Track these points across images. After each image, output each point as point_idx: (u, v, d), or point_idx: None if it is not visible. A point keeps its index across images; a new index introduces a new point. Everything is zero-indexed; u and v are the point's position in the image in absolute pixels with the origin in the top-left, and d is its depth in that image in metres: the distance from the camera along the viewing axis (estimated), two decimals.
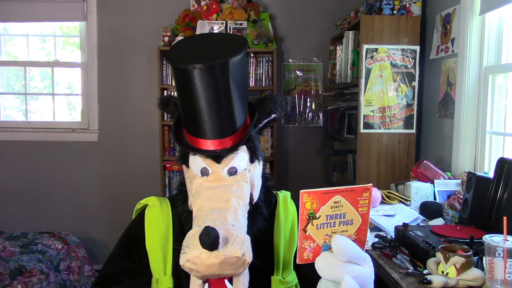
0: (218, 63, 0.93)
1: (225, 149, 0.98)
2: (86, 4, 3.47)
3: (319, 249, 0.86)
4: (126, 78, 3.56)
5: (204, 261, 0.82)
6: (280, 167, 3.52)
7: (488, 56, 2.28)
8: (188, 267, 0.84)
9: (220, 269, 0.83)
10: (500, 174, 1.59)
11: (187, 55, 0.97)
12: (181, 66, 0.94)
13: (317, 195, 0.83)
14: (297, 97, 3.58)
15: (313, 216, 0.84)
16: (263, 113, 1.07)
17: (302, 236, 0.85)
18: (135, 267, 1.08)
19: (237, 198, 0.95)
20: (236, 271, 0.85)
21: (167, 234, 1.07)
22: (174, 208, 1.10)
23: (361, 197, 0.85)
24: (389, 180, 2.67)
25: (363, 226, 0.87)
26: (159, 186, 3.38)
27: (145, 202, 1.14)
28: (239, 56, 0.96)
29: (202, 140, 0.98)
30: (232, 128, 0.99)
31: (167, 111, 1.13)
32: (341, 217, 0.85)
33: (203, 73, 0.92)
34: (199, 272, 0.84)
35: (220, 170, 0.98)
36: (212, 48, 0.99)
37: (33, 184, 3.60)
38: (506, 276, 1.10)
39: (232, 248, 0.83)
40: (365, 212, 0.86)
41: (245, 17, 3.31)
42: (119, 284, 1.08)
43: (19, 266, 2.57)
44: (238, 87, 0.98)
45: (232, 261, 0.83)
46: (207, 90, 0.94)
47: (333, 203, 0.84)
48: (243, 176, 1.00)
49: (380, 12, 2.73)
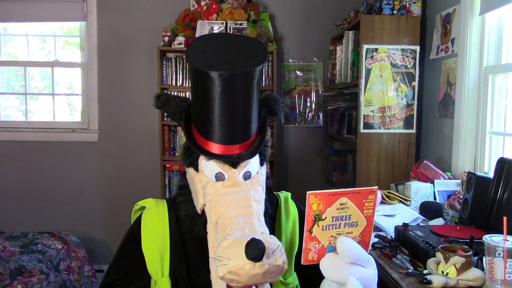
0: (244, 72, 0.93)
1: (244, 154, 0.98)
2: (86, 4, 3.47)
3: (324, 251, 0.87)
4: (126, 78, 3.56)
5: (248, 272, 0.82)
6: (280, 167, 3.52)
7: (488, 56, 2.28)
8: (229, 278, 0.84)
9: (262, 278, 0.84)
10: (500, 174, 1.59)
11: (211, 58, 0.96)
12: (207, 71, 0.92)
13: (323, 196, 0.84)
14: (297, 97, 3.58)
15: (319, 218, 0.84)
16: (269, 114, 1.08)
17: (307, 237, 0.86)
18: (133, 272, 1.09)
19: (256, 203, 0.96)
20: (275, 278, 0.86)
21: (164, 236, 1.07)
22: (172, 210, 1.10)
23: (367, 199, 0.86)
24: (389, 180, 2.67)
25: (367, 228, 0.88)
26: (159, 186, 3.38)
27: (142, 204, 1.14)
28: (263, 64, 0.97)
29: (219, 144, 0.98)
30: (249, 133, 0.99)
31: (166, 111, 1.09)
32: (347, 219, 0.86)
33: (229, 80, 0.92)
34: (240, 283, 0.84)
35: (236, 175, 0.97)
36: (234, 54, 0.98)
37: (33, 184, 3.60)
38: (506, 276, 1.10)
39: (274, 258, 0.84)
40: (370, 215, 0.87)
41: (245, 17, 3.31)
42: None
43: (19, 266, 2.57)
44: (257, 94, 0.99)
45: (273, 270, 0.84)
46: (230, 97, 0.94)
47: (339, 204, 0.85)
48: (257, 180, 1.00)
49: (380, 12, 2.73)
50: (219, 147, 0.98)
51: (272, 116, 1.08)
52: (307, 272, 1.09)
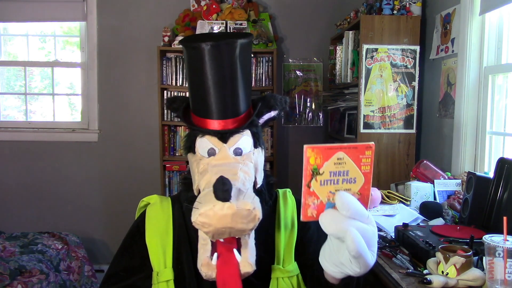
0: (227, 41, 1.00)
1: (232, 129, 1.03)
2: (86, 4, 3.47)
3: (323, 207, 0.86)
4: (126, 78, 3.56)
5: (217, 212, 0.84)
6: (280, 167, 3.52)
7: (488, 56, 2.28)
8: (201, 221, 0.86)
9: (232, 221, 0.85)
10: (500, 174, 1.59)
11: (200, 38, 1.06)
12: (194, 44, 1.01)
13: (320, 150, 0.84)
14: (297, 97, 3.58)
15: (316, 172, 0.84)
16: (264, 106, 1.12)
17: (306, 192, 0.85)
18: (135, 263, 1.11)
19: (243, 173, 0.98)
20: (247, 225, 0.88)
21: (167, 229, 1.10)
22: (176, 205, 1.14)
23: (364, 155, 0.86)
24: (389, 180, 2.67)
25: (366, 186, 0.87)
26: (159, 186, 3.38)
27: (147, 200, 1.19)
28: (246, 40, 1.04)
29: (209, 120, 1.03)
30: (236, 110, 1.04)
31: (174, 108, 1.16)
32: (344, 175, 0.86)
33: (213, 50, 0.99)
34: (211, 226, 0.86)
35: (226, 149, 1.02)
36: (222, 35, 1.10)
37: (33, 184, 3.60)
38: (506, 276, 1.10)
39: (243, 201, 0.87)
40: (368, 171, 0.86)
41: (245, 17, 3.31)
42: (120, 282, 1.10)
43: (19, 266, 2.57)
44: (244, 71, 1.04)
45: (244, 214, 0.86)
46: (215, 68, 1.00)
47: (336, 159, 0.85)
48: (248, 156, 1.04)
49: (380, 12, 2.73)
50: (211, 122, 1.03)
51: (269, 110, 1.12)
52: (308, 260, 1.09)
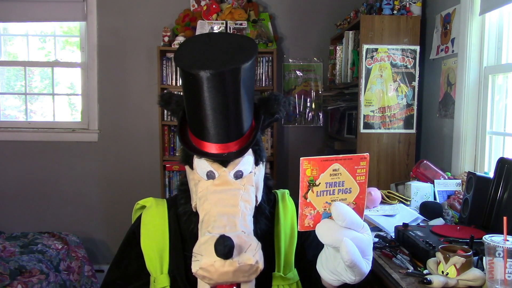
0: (229, 70, 0.91)
1: (232, 153, 0.97)
2: (86, 4, 3.47)
3: (319, 217, 0.88)
4: (126, 78, 3.56)
5: (218, 269, 0.82)
6: (280, 167, 3.52)
7: (488, 56, 2.28)
8: (201, 274, 0.83)
9: (233, 277, 0.83)
10: (500, 174, 1.59)
11: (197, 58, 0.95)
12: (192, 71, 0.92)
13: (316, 162, 0.86)
14: (297, 97, 3.58)
15: (313, 183, 0.86)
16: (268, 114, 1.06)
17: (303, 203, 0.87)
18: (133, 271, 1.10)
19: (244, 202, 0.95)
20: (249, 278, 0.86)
21: (163, 234, 1.08)
22: (172, 209, 1.11)
23: (359, 166, 0.88)
24: (389, 180, 2.67)
25: (361, 195, 0.90)
26: (159, 186, 3.38)
27: (143, 203, 1.16)
28: (250, 62, 0.95)
29: (209, 143, 0.97)
30: (239, 132, 0.98)
31: (168, 109, 1.11)
32: (340, 185, 0.88)
33: (214, 78, 0.91)
34: (212, 280, 0.84)
35: (226, 174, 0.97)
36: (222, 52, 0.97)
37: (33, 184, 3.60)
38: (506, 276, 1.10)
39: (245, 256, 0.83)
40: (363, 181, 0.89)
41: (245, 17, 3.31)
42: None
43: (19, 266, 2.57)
44: (247, 92, 0.97)
45: (245, 269, 0.83)
46: (217, 96, 0.92)
47: (332, 170, 0.86)
48: (249, 179, 0.99)
49: (380, 12, 2.72)
50: (210, 145, 0.98)
51: (271, 116, 1.07)
52: (304, 265, 1.10)
